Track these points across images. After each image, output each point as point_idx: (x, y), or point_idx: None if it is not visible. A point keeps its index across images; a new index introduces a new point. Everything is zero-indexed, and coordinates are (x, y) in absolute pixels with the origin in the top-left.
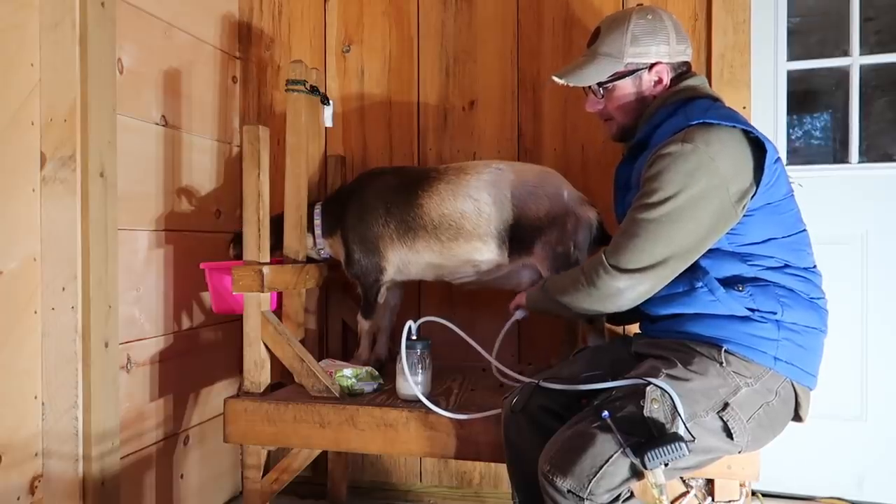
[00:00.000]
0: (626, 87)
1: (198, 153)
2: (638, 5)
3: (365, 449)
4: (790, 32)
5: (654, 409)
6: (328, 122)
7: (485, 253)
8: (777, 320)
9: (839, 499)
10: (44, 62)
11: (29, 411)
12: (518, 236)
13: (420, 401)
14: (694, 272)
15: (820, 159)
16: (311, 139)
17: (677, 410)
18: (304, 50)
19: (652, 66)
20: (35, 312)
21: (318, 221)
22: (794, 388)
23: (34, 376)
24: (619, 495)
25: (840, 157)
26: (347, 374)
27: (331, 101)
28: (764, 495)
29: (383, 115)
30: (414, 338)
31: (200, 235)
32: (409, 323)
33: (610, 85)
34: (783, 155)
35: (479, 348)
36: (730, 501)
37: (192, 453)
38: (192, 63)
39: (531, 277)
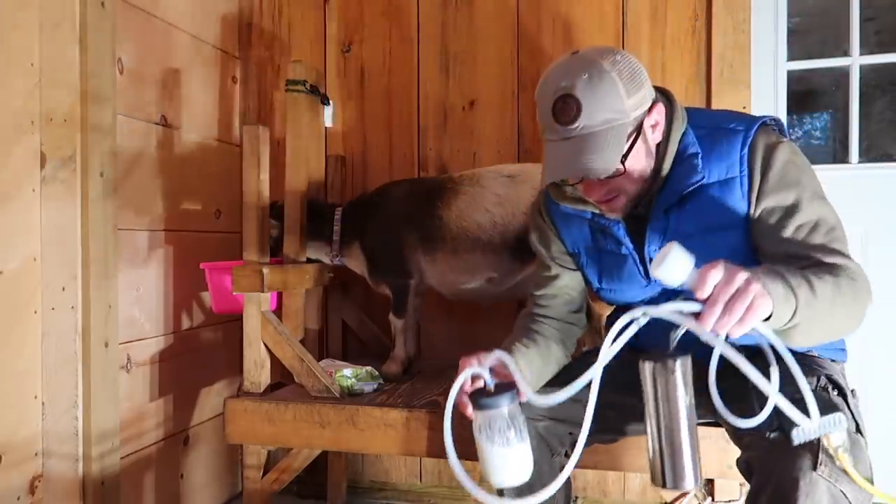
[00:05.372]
0: (640, 148)
1: (198, 153)
2: (574, 53)
3: (365, 449)
4: (790, 32)
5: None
6: (328, 122)
7: (499, 263)
8: None
9: None
10: (44, 62)
11: (29, 411)
12: (527, 243)
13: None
14: None
15: (820, 159)
16: (311, 139)
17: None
18: (304, 50)
19: (650, 109)
20: (35, 312)
21: (337, 228)
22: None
23: (34, 376)
24: None
25: (840, 156)
26: (347, 374)
27: (331, 101)
28: None
29: (383, 115)
30: (491, 386)
31: (200, 235)
32: (476, 371)
33: (627, 155)
34: None
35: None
36: (730, 501)
37: (192, 453)
38: (192, 63)
39: None
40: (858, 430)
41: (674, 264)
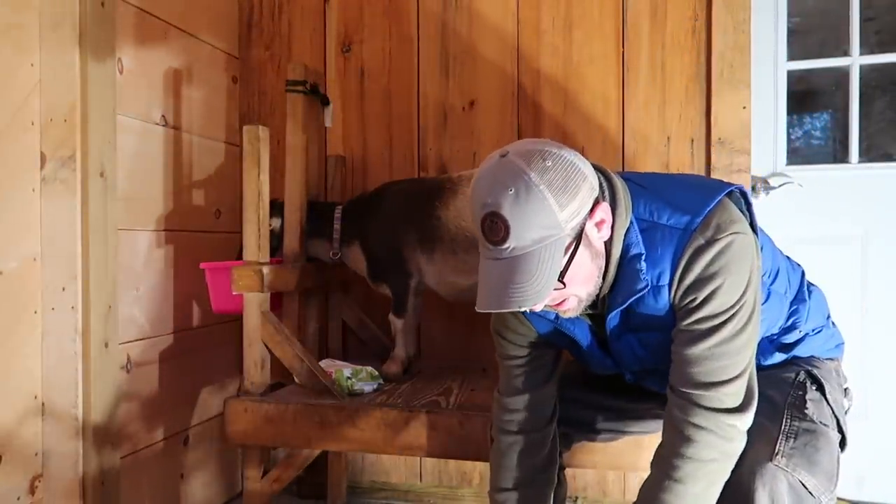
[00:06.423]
0: (583, 256)
1: (198, 153)
2: (503, 156)
3: (365, 449)
4: (790, 32)
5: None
6: (328, 122)
7: None
8: (827, 321)
9: (839, 498)
10: (44, 62)
11: (29, 411)
12: None
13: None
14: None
15: (820, 159)
16: (311, 139)
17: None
18: (304, 50)
19: (592, 209)
20: (35, 312)
21: (337, 226)
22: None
23: (34, 376)
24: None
25: (840, 156)
26: (347, 374)
27: (330, 102)
28: None
29: (383, 115)
30: None
31: (200, 235)
32: None
33: (567, 268)
34: (783, 155)
35: None
36: None
37: (192, 453)
38: (192, 63)
39: None
40: (840, 427)
41: None
